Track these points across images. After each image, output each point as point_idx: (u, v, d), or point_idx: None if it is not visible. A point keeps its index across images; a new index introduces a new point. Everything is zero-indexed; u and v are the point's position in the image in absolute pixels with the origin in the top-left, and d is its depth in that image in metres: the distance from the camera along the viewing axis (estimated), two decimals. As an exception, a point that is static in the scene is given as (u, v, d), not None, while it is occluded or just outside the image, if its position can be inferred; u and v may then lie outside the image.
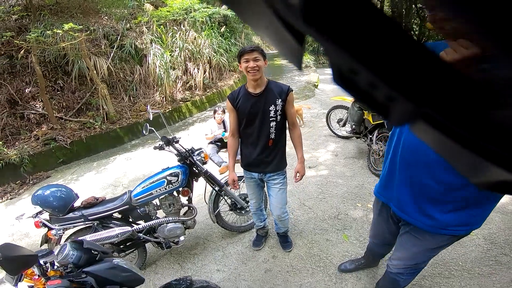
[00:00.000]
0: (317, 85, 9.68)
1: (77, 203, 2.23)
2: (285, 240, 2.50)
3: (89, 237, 2.05)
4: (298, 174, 2.04)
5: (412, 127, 0.20)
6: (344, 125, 4.54)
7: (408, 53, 0.17)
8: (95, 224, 2.16)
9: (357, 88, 0.19)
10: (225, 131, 4.37)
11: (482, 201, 1.10)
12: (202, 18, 8.35)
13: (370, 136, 3.69)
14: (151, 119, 2.39)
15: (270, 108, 1.86)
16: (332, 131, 4.85)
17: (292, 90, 1.94)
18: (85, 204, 2.19)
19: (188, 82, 8.17)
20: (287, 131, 2.04)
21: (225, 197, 2.58)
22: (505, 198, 2.87)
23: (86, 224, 2.15)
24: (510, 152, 0.17)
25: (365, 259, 2.16)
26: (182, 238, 2.41)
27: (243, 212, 2.67)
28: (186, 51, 8.04)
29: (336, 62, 0.19)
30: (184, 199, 2.46)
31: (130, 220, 2.34)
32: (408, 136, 1.18)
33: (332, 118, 4.80)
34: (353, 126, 4.01)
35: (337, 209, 2.95)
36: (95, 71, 6.23)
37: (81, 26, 5.65)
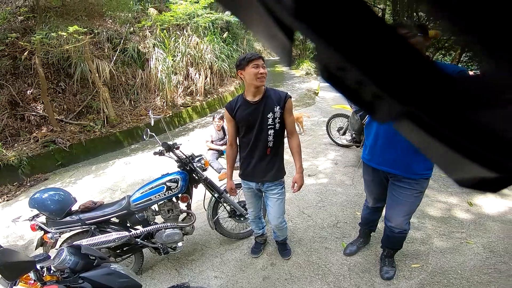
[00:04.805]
0: (318, 93, 9.72)
1: (75, 207, 2.21)
2: (283, 248, 2.48)
3: (86, 241, 2.04)
4: (296, 185, 2.02)
5: (397, 125, 0.20)
6: (344, 133, 4.55)
7: (395, 52, 0.17)
8: (92, 228, 2.14)
9: (344, 85, 0.20)
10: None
11: None
12: (205, 23, 8.43)
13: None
14: (152, 125, 2.39)
15: (268, 116, 1.86)
16: (332, 140, 4.85)
17: (291, 97, 1.93)
18: (83, 208, 2.18)
19: (189, 87, 8.21)
20: (286, 140, 2.03)
21: (224, 204, 2.57)
22: (505, 207, 2.88)
23: (83, 228, 2.14)
24: (490, 151, 0.18)
25: (362, 237, 2.43)
26: (180, 244, 2.39)
27: (242, 219, 2.65)
28: (188, 56, 8.10)
29: (324, 58, 0.19)
30: (183, 205, 2.45)
31: (128, 225, 2.33)
32: None
33: (332, 127, 4.81)
34: (353, 135, 4.02)
35: (336, 217, 2.94)
36: (97, 74, 6.27)
37: (85, 29, 5.70)
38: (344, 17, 0.16)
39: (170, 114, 7.28)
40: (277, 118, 1.88)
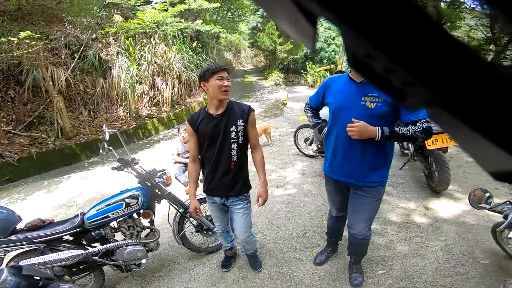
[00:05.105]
0: (286, 104, 9.97)
1: (20, 225, 2.08)
2: (254, 260, 2.44)
3: (35, 260, 1.94)
4: (260, 199, 2.00)
5: (428, 112, 0.20)
6: (311, 144, 4.67)
7: (427, 37, 0.16)
8: (42, 247, 2.02)
9: (373, 73, 0.19)
10: None
11: (383, 165, 1.80)
12: (174, 32, 8.30)
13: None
14: (107, 139, 2.26)
15: (231, 129, 1.83)
16: (300, 150, 4.94)
17: (253, 110, 1.93)
18: (29, 227, 2.06)
19: (155, 98, 7.95)
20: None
21: (191, 219, 2.49)
22: (458, 210, 3.10)
23: (31, 247, 2.02)
24: None
25: (330, 246, 2.50)
26: (144, 261, 2.29)
27: (210, 233, 2.59)
28: (155, 65, 7.88)
29: (351, 46, 0.19)
30: (145, 221, 2.34)
31: (84, 242, 2.20)
32: (342, 129, 1.74)
33: (300, 137, 4.92)
34: (319, 145, 4.14)
35: (305, 227, 2.97)
36: (51, 82, 5.81)
37: (39, 34, 5.30)
38: (372, 1, 0.16)
39: (134, 125, 6.94)
40: (240, 132, 1.86)
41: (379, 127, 1.62)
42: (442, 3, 7.55)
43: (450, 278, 2.24)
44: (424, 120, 1.58)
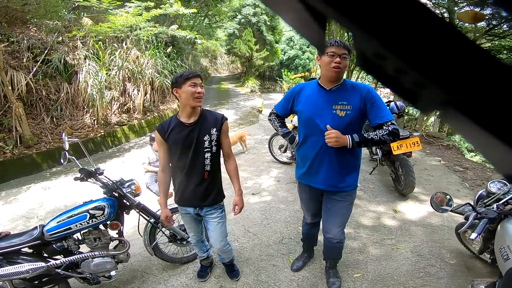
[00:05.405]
0: (261, 111, 10.04)
1: None
2: (231, 269, 2.40)
3: None
4: (236, 207, 1.98)
5: (441, 114, 0.20)
6: (285, 151, 4.72)
7: (439, 37, 0.16)
8: None
9: (384, 74, 0.19)
10: None
11: (354, 169, 1.88)
12: (147, 37, 8.06)
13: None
14: (66, 149, 2.14)
15: (204, 138, 1.80)
16: (274, 157, 4.97)
17: (227, 119, 1.91)
18: None
19: (126, 104, 7.62)
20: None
21: (163, 229, 2.41)
22: (424, 212, 3.26)
23: None
24: None
25: (306, 252, 2.52)
26: (113, 273, 2.21)
27: (185, 243, 2.51)
28: (126, 70, 7.58)
29: (361, 47, 0.19)
30: (113, 233, 2.23)
31: (45, 255, 2.08)
32: (315, 138, 1.78)
33: (274, 144, 4.94)
34: (293, 152, 4.19)
35: (281, 233, 2.97)
36: (10, 87, 5.37)
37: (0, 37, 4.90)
38: (382, 1, 0.16)
39: (102, 133, 6.59)
40: (214, 141, 1.83)
41: (349, 136, 1.66)
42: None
43: (421, 279, 2.33)
44: (390, 123, 1.64)
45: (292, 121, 4.10)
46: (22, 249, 2.01)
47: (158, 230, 2.42)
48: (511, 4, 0.16)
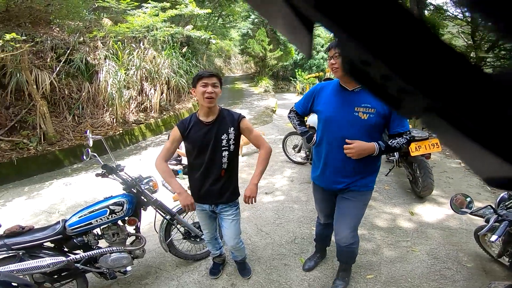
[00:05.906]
0: (275, 111, 10.03)
1: None
2: (243, 267, 2.41)
3: (13, 267, 1.87)
4: (248, 196, 1.92)
5: (423, 119, 0.20)
6: (299, 151, 4.70)
7: (423, 45, 0.16)
8: (20, 253, 1.96)
9: (368, 80, 0.19)
10: (183, 167, 4.21)
11: (372, 172, 1.84)
12: (164, 37, 8.23)
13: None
14: (90, 145, 2.22)
15: (222, 137, 1.82)
16: (288, 157, 4.95)
17: (244, 117, 1.92)
18: (8, 233, 2.00)
19: (143, 103, 7.82)
20: (239, 159, 2.00)
21: (178, 226, 2.45)
22: (442, 215, 3.17)
23: (9, 253, 1.95)
24: None
25: (318, 252, 2.51)
26: (129, 268, 2.25)
27: (198, 240, 2.54)
28: (143, 70, 7.78)
29: (347, 52, 0.19)
30: (131, 228, 2.29)
31: (66, 249, 2.14)
32: (333, 140, 1.76)
33: (288, 144, 4.93)
34: (307, 152, 4.17)
35: (293, 233, 2.96)
36: (35, 86, 5.64)
37: (25, 37, 5.14)
38: (368, 7, 0.16)
39: (121, 131, 6.79)
40: (232, 140, 1.85)
41: (376, 143, 1.64)
42: (426, 11, 7.84)
43: (436, 281, 2.27)
44: (409, 132, 1.68)
45: (307, 121, 4.08)
46: (44, 243, 2.06)
47: (173, 227, 2.46)
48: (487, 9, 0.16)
